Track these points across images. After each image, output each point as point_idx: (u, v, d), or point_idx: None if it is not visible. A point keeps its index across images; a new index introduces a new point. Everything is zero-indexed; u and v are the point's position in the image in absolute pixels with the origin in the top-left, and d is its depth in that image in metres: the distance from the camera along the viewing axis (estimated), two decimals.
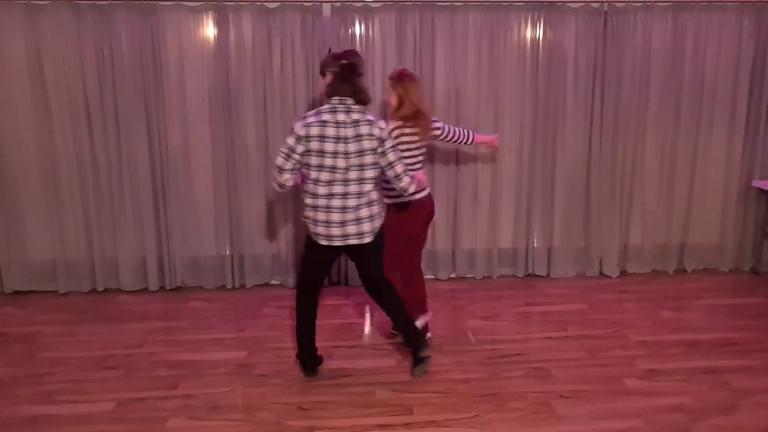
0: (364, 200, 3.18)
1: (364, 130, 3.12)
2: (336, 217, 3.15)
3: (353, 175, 3.13)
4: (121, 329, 4.15)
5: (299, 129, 3.08)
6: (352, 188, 3.14)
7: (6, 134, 4.63)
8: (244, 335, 4.03)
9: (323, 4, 4.62)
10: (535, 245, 5.12)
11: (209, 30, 4.63)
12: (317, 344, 3.50)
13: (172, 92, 4.67)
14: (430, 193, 3.73)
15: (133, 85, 4.60)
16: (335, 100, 3.13)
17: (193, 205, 4.85)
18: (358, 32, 4.68)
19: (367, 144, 3.12)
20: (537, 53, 4.81)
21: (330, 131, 3.07)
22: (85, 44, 4.52)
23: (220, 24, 4.60)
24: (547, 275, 5.14)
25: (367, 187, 3.19)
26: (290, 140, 3.09)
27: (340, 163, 3.10)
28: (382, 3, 4.65)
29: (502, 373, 3.49)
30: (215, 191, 4.82)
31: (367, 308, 4.53)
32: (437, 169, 4.89)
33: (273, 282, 5.01)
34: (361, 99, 3.18)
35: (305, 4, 4.59)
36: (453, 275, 5.13)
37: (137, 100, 4.62)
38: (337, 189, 3.12)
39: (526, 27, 4.79)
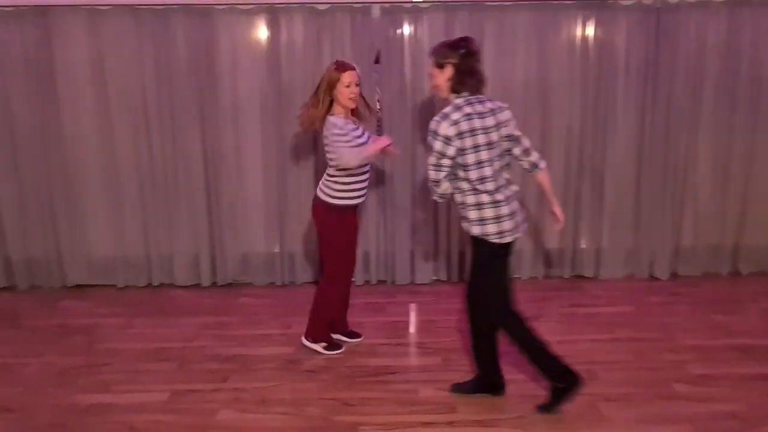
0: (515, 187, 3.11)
1: (503, 116, 2.98)
2: (514, 206, 3.01)
3: (499, 164, 2.98)
4: (174, 323, 4.29)
5: (446, 130, 2.86)
6: (505, 177, 3.03)
7: (70, 136, 4.83)
8: (293, 331, 4.12)
9: (372, 5, 4.67)
10: (583, 246, 5.07)
11: (261, 32, 4.73)
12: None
13: (225, 93, 4.80)
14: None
15: (188, 87, 4.74)
16: (465, 94, 2.96)
17: (244, 202, 4.96)
18: (406, 33, 4.72)
19: (504, 131, 3.00)
20: (587, 52, 4.75)
21: (477, 123, 2.88)
22: (144, 47, 4.68)
23: (272, 26, 4.69)
24: (595, 276, 5.08)
25: (508, 174, 3.09)
26: (437, 145, 2.87)
27: (493, 154, 2.94)
28: (430, 3, 4.67)
29: None
30: (265, 189, 4.92)
31: (412, 307, 4.58)
32: None
33: None
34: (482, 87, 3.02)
35: (354, 5, 4.65)
36: None
37: (192, 101, 4.76)
38: (498, 183, 2.96)
39: (576, 26, 4.74)
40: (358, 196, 3.57)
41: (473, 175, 2.91)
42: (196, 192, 4.88)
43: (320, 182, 3.60)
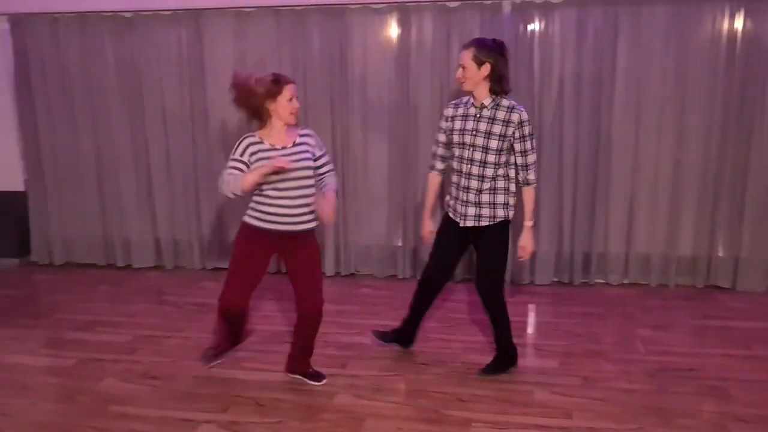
0: None
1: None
2: None
3: None
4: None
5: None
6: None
7: (214, 128, 5.21)
8: None
9: (503, 2, 4.64)
10: (720, 254, 4.75)
11: (392, 30, 4.85)
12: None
13: (355, 89, 4.96)
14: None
15: (321, 83, 4.96)
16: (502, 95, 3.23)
17: (369, 196, 5.11)
18: (537, 29, 4.65)
19: None
20: (733, 48, 4.44)
21: None
22: (283, 46, 4.96)
23: (403, 24, 4.80)
24: (732, 288, 4.74)
25: None
26: (532, 129, 3.24)
27: None
28: None
29: (671, 387, 3.31)
30: (390, 183, 5.04)
31: (531, 307, 4.52)
32: (613, 165, 4.73)
33: None
34: None
35: (485, 2, 4.65)
36: (625, 281, 4.92)
37: (324, 96, 4.97)
38: None
39: (722, 20, 4.45)
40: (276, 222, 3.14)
41: (519, 160, 3.25)
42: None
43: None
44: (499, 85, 3.16)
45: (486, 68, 3.12)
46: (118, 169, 5.39)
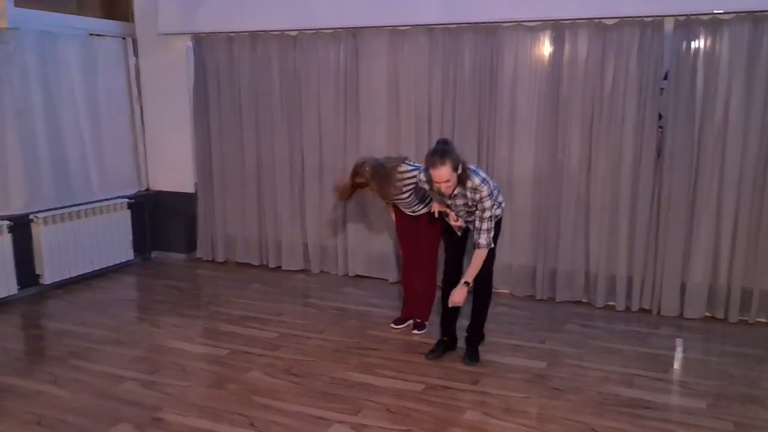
0: None
1: None
2: None
3: None
4: (434, 321, 4.55)
5: None
6: None
7: (364, 142, 5.41)
8: (545, 346, 4.12)
9: (665, 18, 4.43)
10: None
11: (545, 48, 4.79)
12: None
13: (503, 107, 4.94)
14: None
15: (470, 100, 5.00)
16: None
17: (511, 213, 5.05)
18: (702, 47, 4.39)
19: None
20: None
21: None
22: (434, 63, 5.07)
23: (556, 41, 4.73)
24: None
25: None
26: (492, 203, 3.64)
27: None
28: (734, 14, 4.27)
29: None
30: (533, 202, 4.96)
31: (678, 341, 4.25)
32: None
33: (582, 300, 4.98)
34: None
35: (645, 19, 4.46)
36: None
37: (472, 113, 5.00)
38: None
39: None
40: None
41: (477, 223, 3.65)
42: None
43: None
44: (464, 174, 3.49)
45: (459, 168, 3.46)
46: (275, 176, 5.77)
